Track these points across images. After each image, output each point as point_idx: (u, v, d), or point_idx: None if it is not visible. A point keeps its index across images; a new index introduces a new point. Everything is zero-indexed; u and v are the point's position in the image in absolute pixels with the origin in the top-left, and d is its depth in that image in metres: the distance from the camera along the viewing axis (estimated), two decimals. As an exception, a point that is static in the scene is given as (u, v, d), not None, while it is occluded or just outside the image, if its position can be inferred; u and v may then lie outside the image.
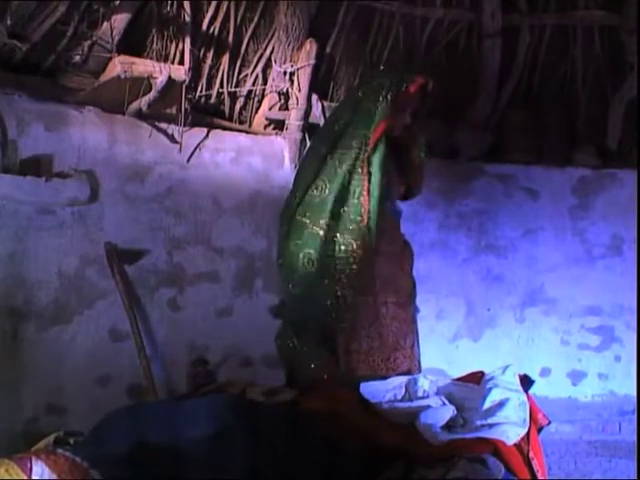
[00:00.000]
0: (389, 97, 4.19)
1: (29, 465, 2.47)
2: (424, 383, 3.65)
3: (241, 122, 5.42)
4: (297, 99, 5.24)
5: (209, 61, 5.15)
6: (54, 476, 2.45)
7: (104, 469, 2.52)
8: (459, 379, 3.87)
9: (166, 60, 4.90)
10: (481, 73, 5.70)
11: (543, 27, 5.72)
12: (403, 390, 3.69)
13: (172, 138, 4.94)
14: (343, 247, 4.12)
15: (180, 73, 4.74)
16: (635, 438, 4.78)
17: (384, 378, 3.80)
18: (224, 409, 2.99)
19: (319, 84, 5.40)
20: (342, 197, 4.14)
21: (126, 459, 2.59)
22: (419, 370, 4.43)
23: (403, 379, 3.76)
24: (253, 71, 5.32)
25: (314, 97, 5.31)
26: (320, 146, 4.36)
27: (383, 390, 3.67)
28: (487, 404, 3.39)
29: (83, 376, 4.62)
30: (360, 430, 3.16)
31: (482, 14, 5.53)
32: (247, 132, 5.33)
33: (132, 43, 4.82)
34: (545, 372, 5.63)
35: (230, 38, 5.16)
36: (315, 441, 2.98)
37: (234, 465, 2.72)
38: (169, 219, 4.93)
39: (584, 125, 5.90)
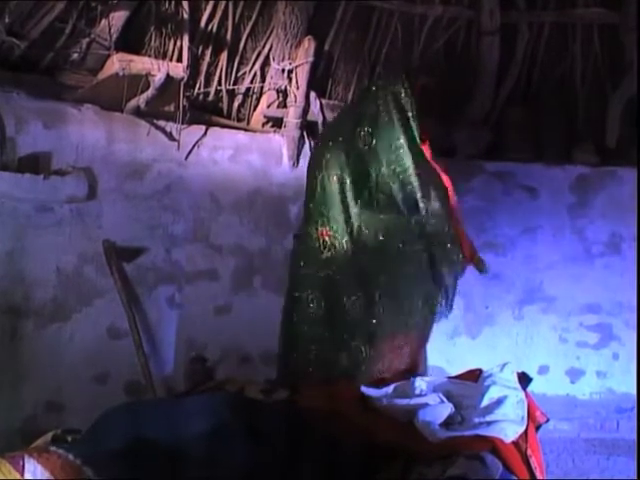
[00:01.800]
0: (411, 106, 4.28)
1: (21, 463, 2.48)
2: (421, 384, 3.66)
3: (239, 120, 5.41)
4: (295, 97, 5.24)
5: (207, 59, 5.15)
6: (47, 474, 2.45)
7: (98, 466, 2.52)
8: (457, 377, 3.87)
9: (164, 57, 4.89)
10: (480, 71, 5.69)
11: (542, 25, 5.71)
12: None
13: (170, 136, 4.94)
14: None
15: (178, 70, 4.74)
16: (635, 436, 4.79)
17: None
18: (222, 407, 2.99)
19: (317, 82, 5.39)
20: None
21: (123, 456, 2.59)
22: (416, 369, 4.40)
23: (399, 384, 3.78)
24: (251, 69, 5.32)
25: (312, 95, 5.31)
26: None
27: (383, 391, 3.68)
28: (485, 402, 3.39)
29: (81, 374, 4.62)
30: (359, 428, 3.16)
31: (481, 12, 5.52)
32: (245, 130, 5.33)
33: (130, 40, 4.82)
34: (543, 370, 5.63)
35: (228, 36, 5.15)
36: (314, 439, 2.98)
37: (232, 463, 2.72)
38: (167, 217, 4.93)
39: (583, 123, 5.89)
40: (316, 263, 4.43)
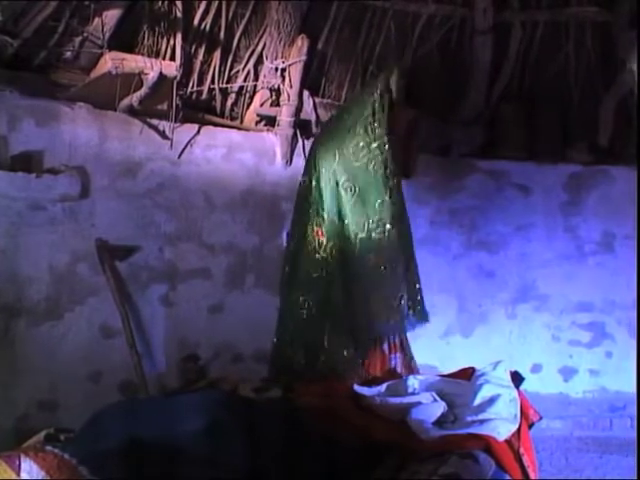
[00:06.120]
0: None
1: (17, 462, 2.47)
2: (414, 382, 3.66)
3: (232, 118, 5.41)
4: (288, 95, 5.24)
5: (200, 57, 5.14)
6: (42, 473, 2.45)
7: (93, 465, 2.52)
8: (450, 375, 3.87)
9: (157, 56, 4.89)
10: (473, 69, 5.70)
11: (535, 23, 5.71)
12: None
13: (163, 134, 4.94)
14: None
15: (171, 69, 4.73)
16: (635, 435, 4.80)
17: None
18: (216, 405, 2.98)
19: (311, 80, 5.40)
20: None
21: (117, 455, 2.59)
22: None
23: (391, 382, 3.79)
24: (244, 67, 5.32)
25: (305, 93, 5.31)
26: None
27: (375, 390, 3.68)
28: (478, 400, 3.40)
29: (75, 372, 4.61)
30: (353, 426, 3.16)
31: (474, 10, 5.52)
32: (238, 128, 5.32)
33: (123, 39, 4.81)
34: (536, 368, 5.64)
35: (221, 34, 5.15)
36: (308, 437, 2.98)
37: (226, 461, 2.72)
38: (160, 215, 4.93)
39: (576, 122, 5.90)
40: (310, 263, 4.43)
